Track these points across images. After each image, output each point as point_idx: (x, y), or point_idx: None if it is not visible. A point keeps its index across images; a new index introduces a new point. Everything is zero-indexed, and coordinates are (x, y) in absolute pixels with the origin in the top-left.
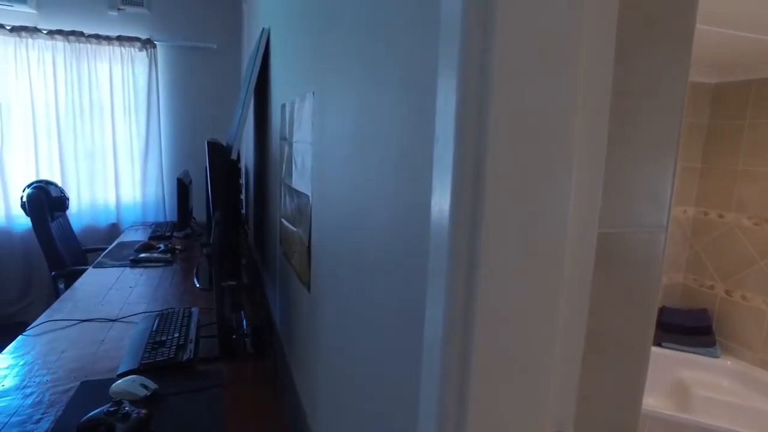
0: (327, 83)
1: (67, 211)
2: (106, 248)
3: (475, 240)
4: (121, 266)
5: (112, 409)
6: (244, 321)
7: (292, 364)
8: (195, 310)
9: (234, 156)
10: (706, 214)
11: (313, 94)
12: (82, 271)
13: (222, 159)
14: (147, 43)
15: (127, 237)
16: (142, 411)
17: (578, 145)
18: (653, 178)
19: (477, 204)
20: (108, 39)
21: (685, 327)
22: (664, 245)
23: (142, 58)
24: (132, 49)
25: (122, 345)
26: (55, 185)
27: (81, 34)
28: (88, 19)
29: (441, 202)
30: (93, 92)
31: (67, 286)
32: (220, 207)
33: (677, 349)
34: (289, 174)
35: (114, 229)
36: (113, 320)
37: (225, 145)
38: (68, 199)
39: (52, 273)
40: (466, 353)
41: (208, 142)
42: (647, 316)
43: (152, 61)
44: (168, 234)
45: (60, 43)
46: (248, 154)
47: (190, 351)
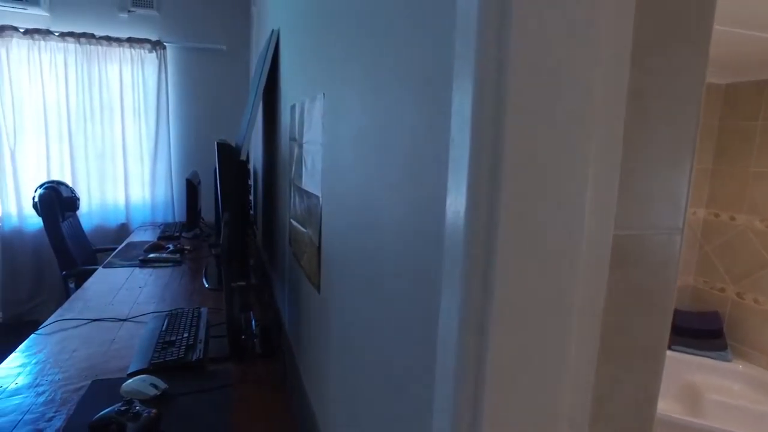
0: (338, 84)
1: (78, 211)
2: (115, 248)
3: (491, 241)
4: (131, 266)
5: (123, 409)
6: (253, 321)
7: (301, 365)
8: (204, 311)
9: (243, 157)
10: (717, 216)
11: (324, 95)
12: (92, 271)
13: (231, 160)
14: (157, 45)
15: (137, 237)
16: (153, 410)
17: (594, 146)
18: (669, 180)
19: (493, 205)
20: (118, 41)
21: (696, 330)
22: (680, 247)
23: (151, 59)
24: (142, 51)
25: (132, 344)
26: (66, 185)
27: (92, 36)
28: (99, 21)
29: (456, 203)
30: (103, 93)
31: (78, 285)
32: (230, 207)
33: (688, 353)
34: (299, 175)
35: (123, 229)
36: (123, 320)
37: (234, 146)
38: (79, 200)
39: (63, 272)
40: (482, 354)
41: (218, 143)
42: (663, 319)
43: (162, 63)
44: (177, 234)
45: (71, 45)
46: (257, 154)
47: (200, 351)
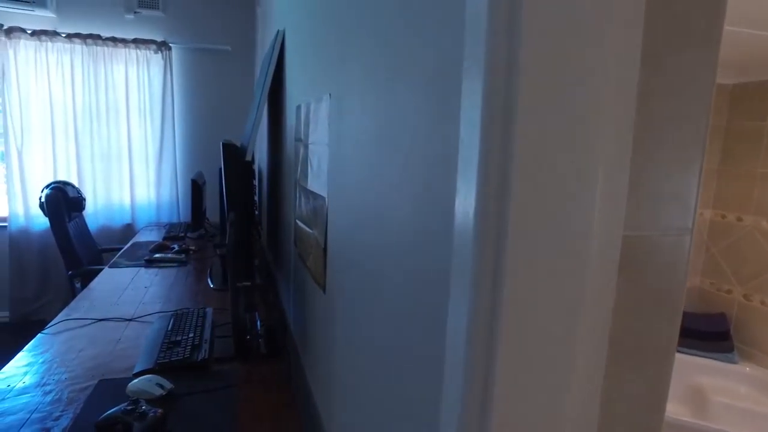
0: (344, 85)
1: (84, 212)
2: (121, 248)
3: (501, 241)
4: (136, 266)
5: (130, 408)
6: (258, 322)
7: (306, 365)
8: (209, 311)
9: (248, 157)
10: (724, 216)
11: (330, 95)
12: (98, 271)
13: (237, 160)
14: (162, 46)
15: (142, 237)
16: (158, 410)
17: (604, 147)
18: (679, 181)
19: (503, 206)
20: (124, 42)
21: (702, 332)
22: (689, 249)
23: (157, 60)
24: (147, 52)
25: (138, 344)
26: (72, 186)
27: (98, 37)
28: (106, 22)
29: (466, 203)
30: (109, 94)
31: (84, 285)
32: (235, 208)
33: (694, 354)
34: (305, 175)
35: (129, 230)
36: (129, 320)
37: (239, 147)
38: (85, 200)
39: (69, 272)
40: (490, 355)
41: (223, 144)
42: (672, 320)
43: (167, 63)
44: (182, 234)
45: (78, 46)
46: (261, 155)
47: (205, 351)
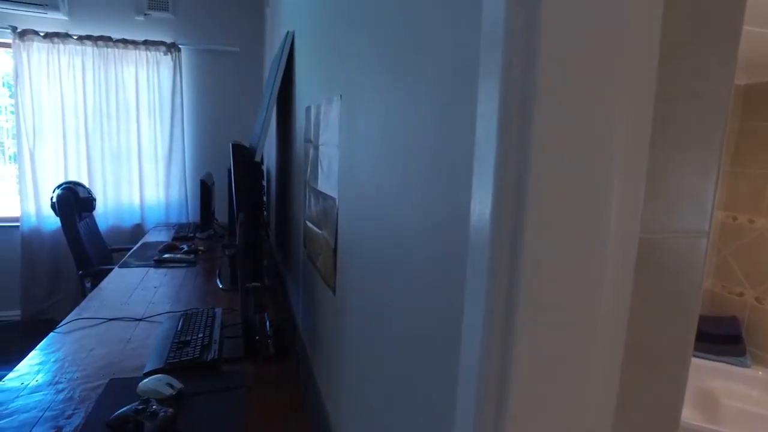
0: (355, 86)
1: (94, 212)
2: (130, 248)
3: (517, 243)
4: (146, 266)
5: (140, 408)
6: (267, 322)
7: (315, 366)
8: (218, 311)
9: (258, 158)
10: (735, 218)
11: (341, 96)
12: (108, 271)
13: (246, 161)
14: (172, 47)
15: (151, 237)
16: (169, 410)
17: (621, 149)
18: (696, 183)
19: (519, 207)
20: (134, 43)
21: (714, 335)
22: (705, 251)
23: (167, 61)
24: (157, 53)
25: (148, 344)
26: (83, 186)
27: (109, 39)
28: (116, 24)
29: (482, 205)
30: (119, 95)
31: (94, 285)
32: (244, 208)
33: (706, 358)
34: (315, 176)
35: (138, 230)
36: (139, 319)
37: (249, 147)
38: (95, 200)
39: (80, 272)
40: (506, 357)
41: (233, 144)
42: (688, 323)
43: (177, 65)
44: (191, 235)
45: (89, 48)
46: (270, 155)
47: (215, 351)
